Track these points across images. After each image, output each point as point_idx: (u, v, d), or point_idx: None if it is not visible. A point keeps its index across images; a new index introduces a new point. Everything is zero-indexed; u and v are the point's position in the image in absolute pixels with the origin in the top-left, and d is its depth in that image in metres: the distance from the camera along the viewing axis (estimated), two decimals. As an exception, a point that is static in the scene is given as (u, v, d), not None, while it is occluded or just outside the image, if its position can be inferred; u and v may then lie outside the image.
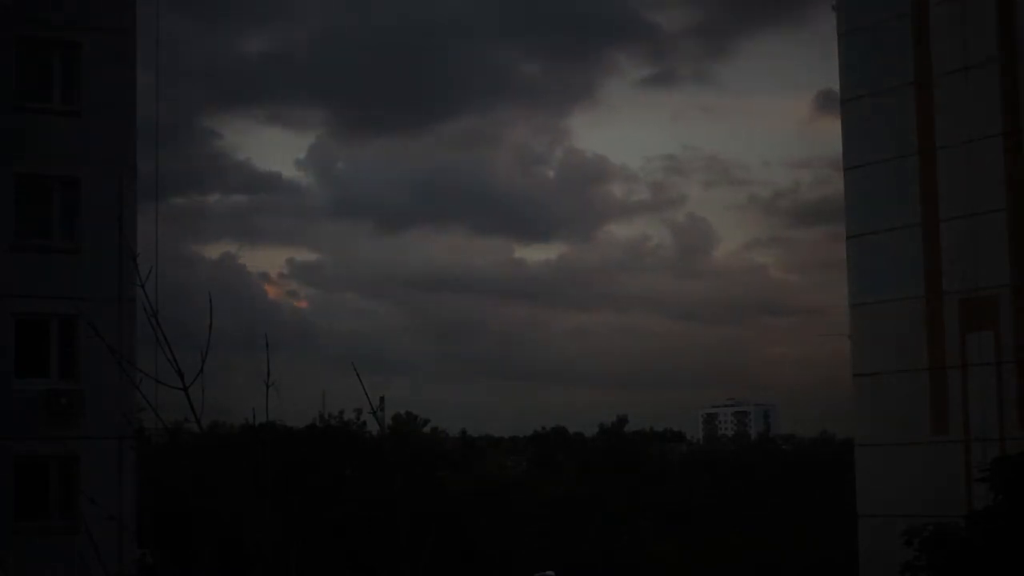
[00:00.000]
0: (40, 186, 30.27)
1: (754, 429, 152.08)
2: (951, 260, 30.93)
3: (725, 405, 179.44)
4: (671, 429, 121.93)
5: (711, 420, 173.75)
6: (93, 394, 29.04)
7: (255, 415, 7.93)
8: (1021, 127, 29.81)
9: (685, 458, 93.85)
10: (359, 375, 8.06)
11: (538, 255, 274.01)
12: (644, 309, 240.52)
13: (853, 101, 33.35)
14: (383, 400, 74.67)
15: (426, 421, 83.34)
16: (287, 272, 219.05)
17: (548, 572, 44.54)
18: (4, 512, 28.77)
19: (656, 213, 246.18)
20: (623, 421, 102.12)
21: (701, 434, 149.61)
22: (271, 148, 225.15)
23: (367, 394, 8.14)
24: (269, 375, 7.51)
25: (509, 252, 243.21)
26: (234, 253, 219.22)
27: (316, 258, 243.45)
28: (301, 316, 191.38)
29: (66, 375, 29.70)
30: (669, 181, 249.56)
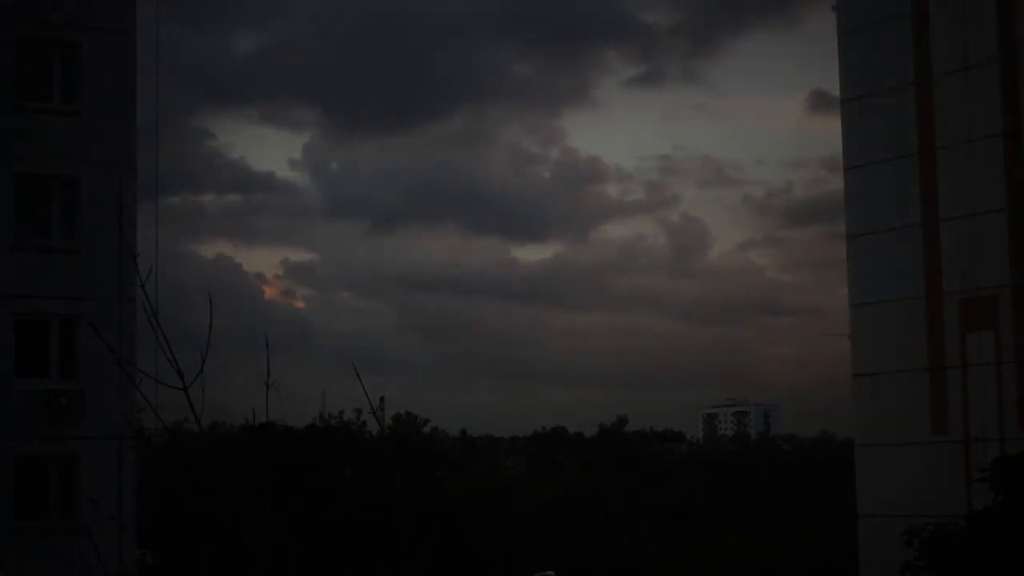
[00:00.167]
0: (40, 186, 30.27)
1: (754, 429, 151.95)
2: (951, 260, 30.90)
3: (725, 405, 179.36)
4: (671, 429, 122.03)
5: (711, 420, 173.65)
6: (93, 394, 29.04)
7: (255, 415, 7.93)
8: (1021, 127, 29.80)
9: (685, 458, 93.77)
10: (359, 375, 8.06)
11: (533, 255, 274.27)
12: (643, 309, 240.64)
13: (853, 101, 33.31)
14: (383, 400, 74.64)
15: (426, 421, 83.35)
16: (282, 272, 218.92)
17: (548, 572, 44.50)
18: (4, 512, 28.77)
19: (650, 213, 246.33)
20: (623, 421, 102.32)
21: (701, 434, 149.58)
22: (265, 148, 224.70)
23: (367, 394, 8.14)
24: (269, 375, 7.51)
25: (504, 252, 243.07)
26: (229, 253, 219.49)
27: (311, 258, 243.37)
28: (299, 316, 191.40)
29: (66, 375, 29.71)
30: (663, 181, 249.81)
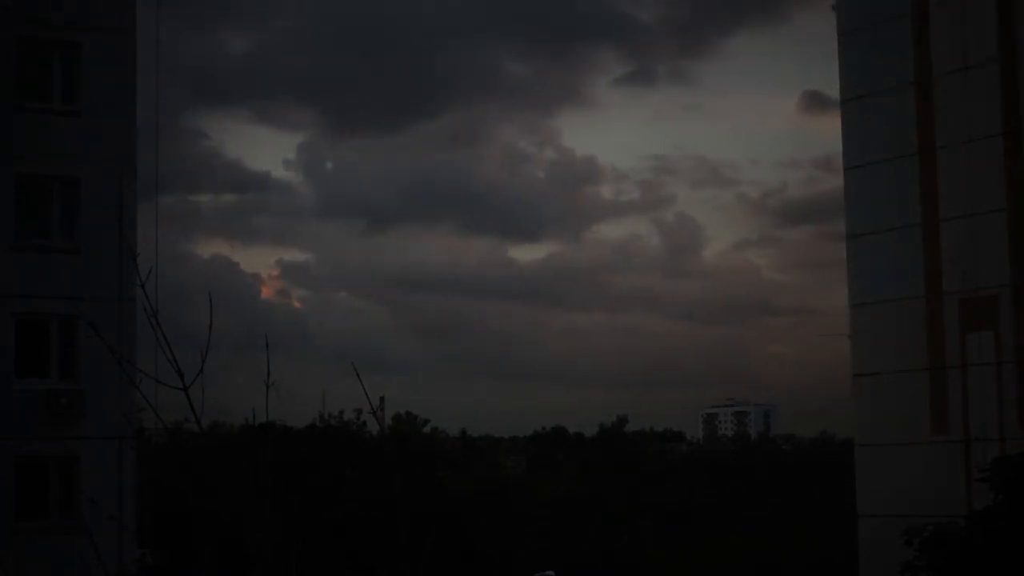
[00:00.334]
0: (40, 186, 30.27)
1: (754, 429, 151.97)
2: (951, 260, 30.89)
3: (725, 405, 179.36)
4: (671, 429, 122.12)
5: (711, 420, 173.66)
6: (93, 394, 29.04)
7: (255, 415, 7.92)
8: (1021, 127, 29.79)
9: (685, 458, 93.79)
10: (359, 375, 8.06)
11: (528, 255, 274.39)
12: (642, 309, 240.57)
13: (853, 101, 33.31)
14: (383, 400, 74.65)
15: (426, 421, 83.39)
16: (278, 272, 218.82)
17: (548, 572, 44.50)
18: (4, 512, 28.77)
19: (645, 213, 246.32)
20: (623, 421, 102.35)
21: (701, 434, 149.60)
22: (260, 148, 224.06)
23: (367, 394, 8.14)
24: (269, 375, 7.51)
25: (500, 252, 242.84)
26: (226, 253, 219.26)
27: (306, 258, 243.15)
28: (298, 316, 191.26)
29: (66, 375, 29.70)
30: (658, 181, 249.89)
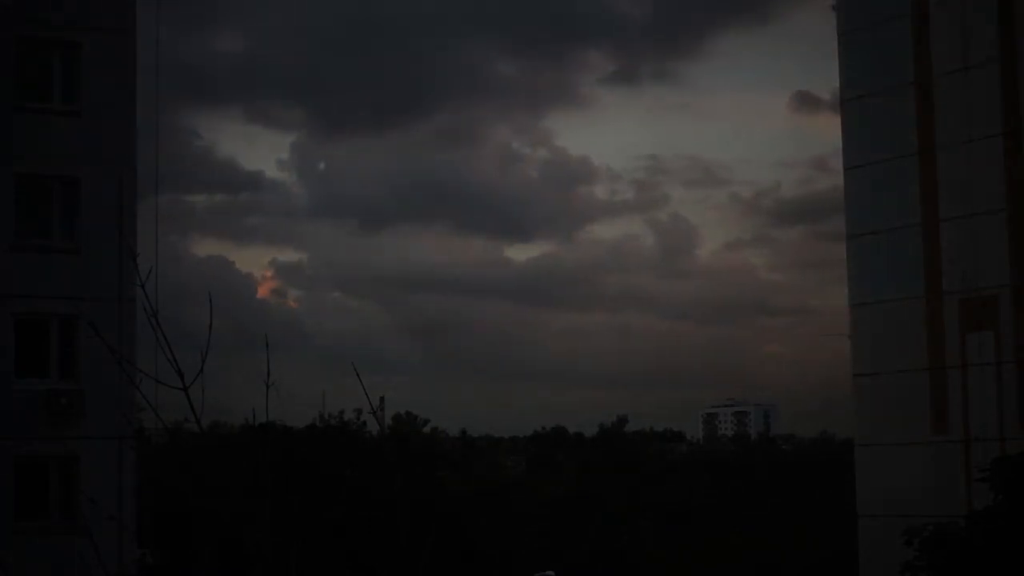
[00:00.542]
0: (40, 186, 30.26)
1: (754, 429, 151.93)
2: (951, 260, 30.90)
3: (725, 405, 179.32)
4: (671, 429, 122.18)
5: (711, 420, 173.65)
6: (93, 394, 29.03)
7: (255, 415, 7.92)
8: (1021, 127, 29.79)
9: (685, 458, 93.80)
10: (359, 375, 8.06)
11: (522, 255, 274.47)
12: (639, 309, 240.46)
13: (853, 101, 33.33)
14: (383, 400, 74.59)
15: (426, 421, 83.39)
16: (272, 272, 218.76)
17: (548, 572, 44.52)
18: (4, 512, 28.76)
19: (639, 213, 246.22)
20: (623, 421, 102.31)
21: (701, 434, 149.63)
22: (253, 147, 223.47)
23: (367, 394, 8.14)
24: (269, 375, 7.51)
25: (495, 251, 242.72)
26: (221, 253, 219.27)
27: (299, 257, 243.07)
28: (294, 316, 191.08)
29: (66, 375, 29.69)
30: (651, 180, 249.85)
